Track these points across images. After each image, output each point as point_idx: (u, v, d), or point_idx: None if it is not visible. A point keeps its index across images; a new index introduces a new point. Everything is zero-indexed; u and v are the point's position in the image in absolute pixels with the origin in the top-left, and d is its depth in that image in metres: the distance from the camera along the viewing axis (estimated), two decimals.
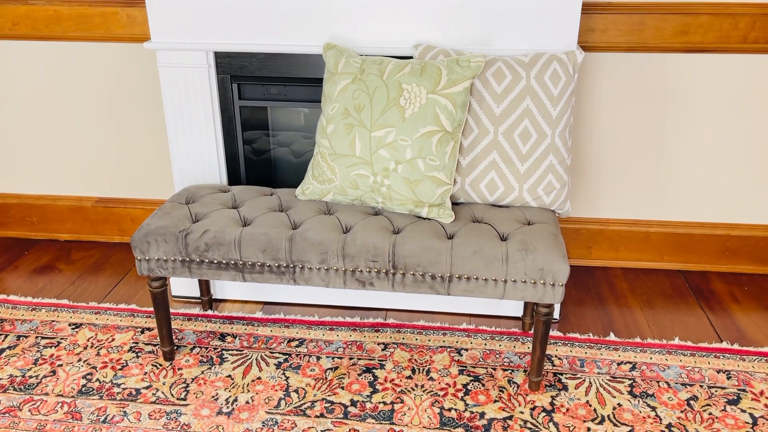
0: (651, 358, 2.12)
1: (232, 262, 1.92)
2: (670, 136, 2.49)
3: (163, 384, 2.02)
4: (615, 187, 2.59)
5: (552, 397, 1.96)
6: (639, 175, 2.56)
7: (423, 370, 2.08)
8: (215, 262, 1.93)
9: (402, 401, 1.94)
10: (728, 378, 2.03)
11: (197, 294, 2.46)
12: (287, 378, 2.04)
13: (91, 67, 2.62)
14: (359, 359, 2.13)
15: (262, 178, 2.45)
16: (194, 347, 2.19)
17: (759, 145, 2.47)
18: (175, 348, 2.18)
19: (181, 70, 2.18)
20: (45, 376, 2.06)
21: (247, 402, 1.94)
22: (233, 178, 2.35)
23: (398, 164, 1.90)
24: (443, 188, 1.93)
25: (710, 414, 1.89)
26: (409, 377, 2.04)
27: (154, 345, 2.21)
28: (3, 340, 2.23)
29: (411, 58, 2.11)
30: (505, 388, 2.00)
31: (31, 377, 2.05)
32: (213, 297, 2.47)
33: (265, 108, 2.40)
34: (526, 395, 1.97)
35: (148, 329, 2.29)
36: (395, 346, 2.19)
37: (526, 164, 1.98)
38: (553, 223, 1.95)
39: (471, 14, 2.03)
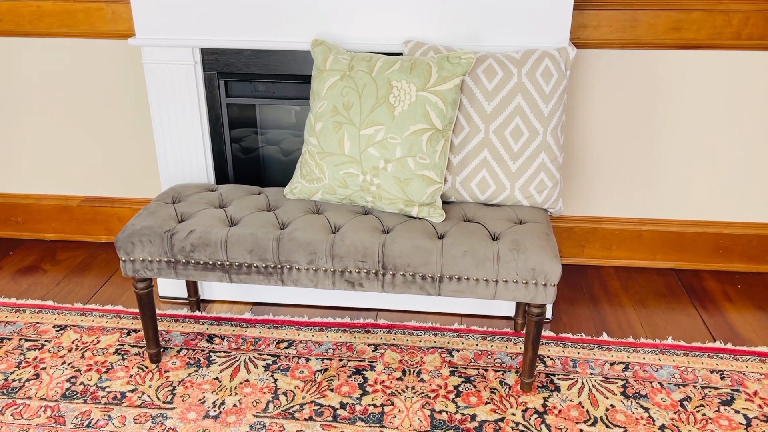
0: (644, 358, 2.10)
1: (219, 262, 1.88)
2: (662, 134, 2.47)
3: (149, 387, 1.98)
4: (607, 185, 2.56)
5: (544, 398, 1.94)
6: (632, 172, 2.53)
7: (414, 371, 2.05)
8: (201, 262, 1.89)
9: (392, 403, 1.91)
10: (722, 378, 2.01)
11: (185, 295, 2.42)
12: (276, 380, 2.01)
13: (75, 63, 2.58)
14: (349, 360, 2.10)
15: (250, 176, 2.41)
16: (181, 349, 2.16)
17: (752, 143, 2.45)
18: (162, 350, 2.15)
19: (166, 67, 2.14)
20: (28, 380, 2.01)
21: (235, 405, 1.91)
22: (221, 177, 2.31)
23: (388, 163, 1.87)
24: (434, 187, 1.90)
25: (704, 415, 1.87)
26: (400, 379, 2.01)
27: (141, 347, 2.17)
28: None
29: (401, 54, 2.07)
30: (496, 390, 1.97)
31: (14, 381, 2.01)
32: (201, 298, 2.43)
33: (254, 105, 2.36)
34: (518, 396, 1.94)
35: (135, 331, 2.25)
36: (386, 347, 2.16)
37: (518, 162, 1.95)
38: (545, 223, 1.93)
39: (462, 10, 2.00)
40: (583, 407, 1.90)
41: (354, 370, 2.05)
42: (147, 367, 2.07)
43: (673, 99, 2.41)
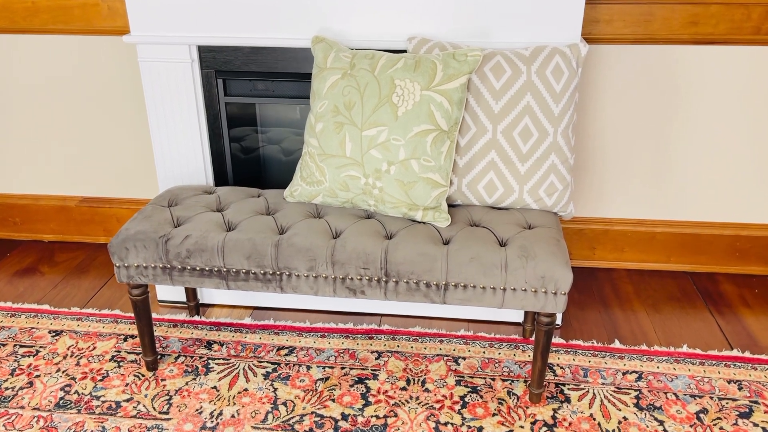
0: (658, 367, 2.02)
1: (216, 269, 1.81)
2: (677, 133, 2.38)
3: (145, 396, 1.92)
4: (620, 185, 2.47)
5: (554, 410, 1.86)
6: (645, 173, 2.44)
7: (418, 380, 1.97)
8: (197, 269, 1.82)
9: (396, 415, 1.84)
10: (739, 389, 1.93)
11: (183, 299, 2.36)
12: (275, 389, 1.94)
13: (72, 61, 2.51)
14: (351, 369, 2.03)
15: (250, 177, 2.34)
16: (179, 356, 2.09)
17: None
18: (159, 357, 2.09)
19: (162, 65, 2.07)
20: (21, 388, 1.96)
21: (233, 416, 1.85)
22: (220, 178, 2.25)
23: (391, 165, 1.79)
24: (439, 190, 1.82)
25: (721, 428, 1.79)
26: (404, 388, 1.94)
27: (137, 353, 2.11)
28: None
29: (404, 51, 1.99)
30: (504, 400, 1.89)
31: (6, 389, 1.96)
32: (200, 302, 2.37)
33: (254, 104, 2.28)
34: (527, 408, 1.87)
35: (132, 337, 2.19)
36: (389, 354, 2.09)
37: (527, 164, 1.87)
38: (556, 227, 1.85)
39: (468, 5, 1.91)
40: (594, 420, 1.83)
41: (356, 379, 1.98)
42: (143, 375, 2.01)
43: (689, 96, 2.32)
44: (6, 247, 2.79)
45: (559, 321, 2.22)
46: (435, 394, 1.92)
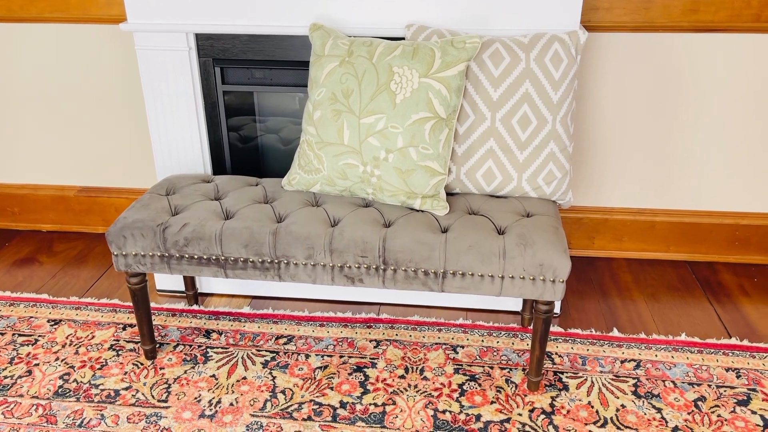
0: (656, 356, 2.02)
1: (214, 257, 1.81)
2: (677, 121, 2.37)
3: (144, 385, 1.92)
4: (619, 174, 2.47)
5: (552, 397, 1.86)
6: (644, 161, 2.44)
7: (417, 368, 1.98)
8: (195, 257, 1.82)
9: (394, 402, 1.85)
10: (738, 377, 1.93)
11: (182, 288, 2.36)
12: (274, 378, 1.95)
13: (69, 50, 2.50)
14: (350, 357, 2.03)
15: (248, 166, 2.33)
16: (178, 345, 2.10)
17: None
18: (158, 346, 2.09)
19: (160, 53, 2.06)
20: (20, 377, 1.96)
21: (231, 404, 1.85)
22: (218, 167, 2.24)
23: (389, 153, 1.78)
24: (437, 178, 1.82)
25: (719, 416, 1.79)
26: (402, 377, 1.94)
27: (136, 342, 2.11)
28: None
29: (403, 39, 1.98)
30: (502, 389, 1.90)
31: (6, 377, 1.96)
32: (199, 291, 2.37)
33: (252, 92, 2.28)
34: (525, 396, 1.87)
35: (130, 325, 2.19)
36: (388, 343, 2.09)
37: (526, 152, 1.87)
38: (554, 215, 1.84)
39: None
40: (592, 407, 1.83)
41: (355, 368, 1.98)
42: (142, 364, 2.01)
43: (688, 85, 2.31)
44: (5, 237, 2.79)
45: (557, 310, 2.22)
46: (433, 383, 1.92)
